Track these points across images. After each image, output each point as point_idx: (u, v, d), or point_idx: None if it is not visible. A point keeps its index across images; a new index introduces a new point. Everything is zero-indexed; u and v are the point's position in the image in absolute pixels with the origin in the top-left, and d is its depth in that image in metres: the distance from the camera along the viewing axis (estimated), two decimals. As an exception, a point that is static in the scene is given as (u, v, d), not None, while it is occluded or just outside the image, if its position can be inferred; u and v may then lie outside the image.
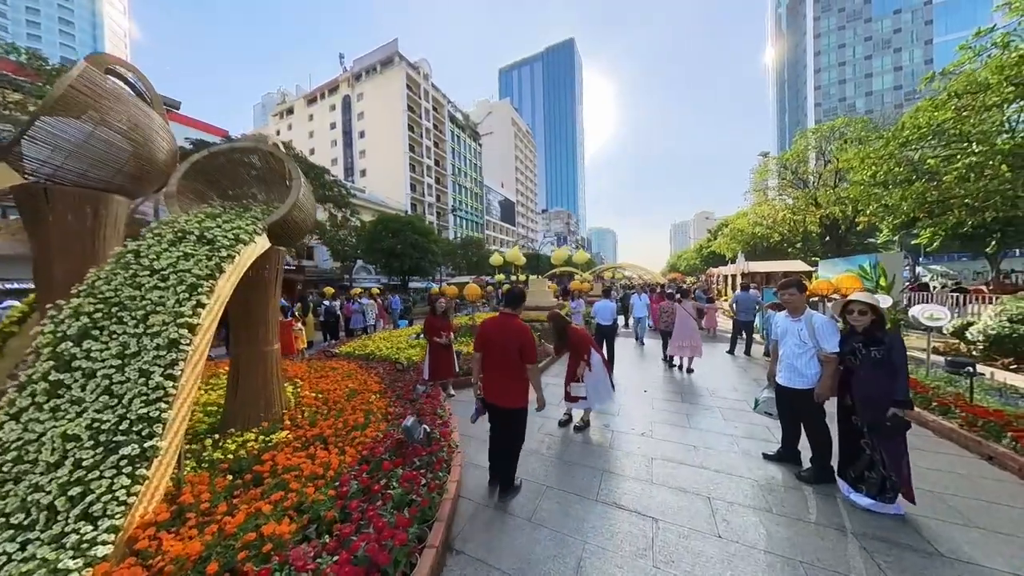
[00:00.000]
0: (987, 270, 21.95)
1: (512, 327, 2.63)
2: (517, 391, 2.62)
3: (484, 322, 2.81)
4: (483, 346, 2.71)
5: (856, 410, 2.51)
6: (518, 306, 2.80)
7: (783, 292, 2.89)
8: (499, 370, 2.62)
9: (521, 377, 2.63)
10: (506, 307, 2.80)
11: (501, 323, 2.70)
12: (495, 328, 2.70)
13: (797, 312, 2.85)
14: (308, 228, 3.71)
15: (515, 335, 2.59)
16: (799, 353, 2.77)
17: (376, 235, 21.81)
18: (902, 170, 6.70)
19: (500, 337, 2.63)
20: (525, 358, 2.58)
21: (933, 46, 57.38)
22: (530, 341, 2.62)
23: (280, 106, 60.79)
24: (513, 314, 2.75)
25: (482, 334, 2.73)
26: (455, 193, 55.86)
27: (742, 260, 16.23)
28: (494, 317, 2.81)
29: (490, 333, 2.70)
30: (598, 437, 3.70)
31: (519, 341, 2.58)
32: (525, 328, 2.67)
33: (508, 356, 2.59)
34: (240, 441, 2.77)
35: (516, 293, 2.82)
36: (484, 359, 2.71)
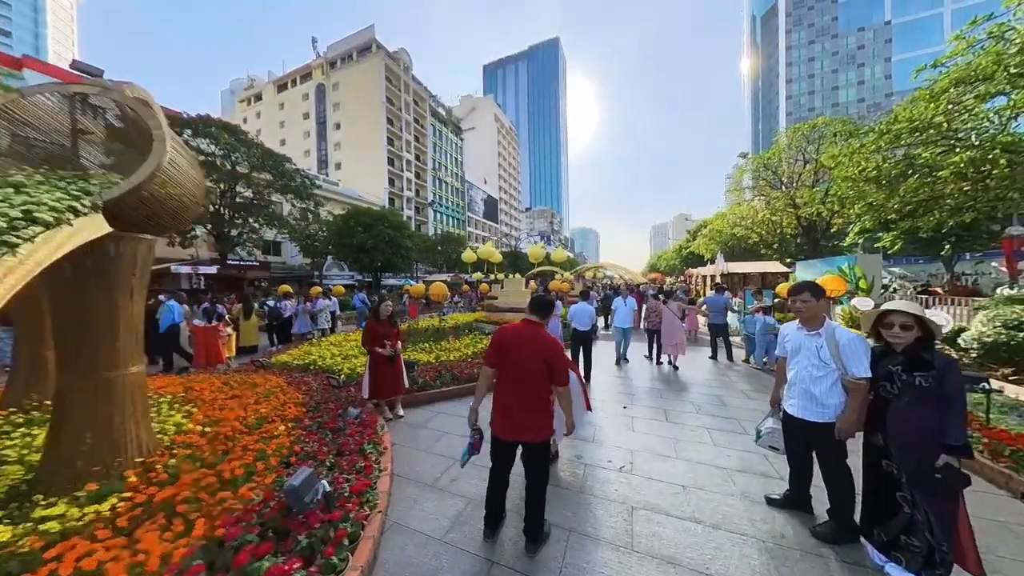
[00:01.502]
0: (941, 272, 23.23)
1: (540, 339, 2.16)
2: (542, 421, 2.16)
3: (502, 330, 2.28)
4: (500, 361, 2.18)
5: (891, 453, 1.92)
6: (547, 314, 2.31)
7: (794, 298, 2.27)
8: (520, 394, 2.12)
9: (546, 401, 2.17)
10: (532, 314, 2.28)
11: (524, 333, 2.18)
12: (516, 339, 2.17)
13: (813, 323, 2.23)
14: (190, 212, 2.78)
15: (543, 349, 2.12)
16: (817, 377, 2.16)
17: (345, 229, 20.44)
18: (895, 164, 6.47)
19: (523, 351, 2.12)
20: (556, 379, 2.11)
21: (892, 63, 61.10)
22: (563, 358, 2.16)
23: (247, 91, 57.11)
24: (540, 323, 2.26)
25: (499, 345, 2.20)
26: (436, 189, 54.33)
27: (721, 261, 16.15)
28: (515, 325, 2.29)
29: (510, 345, 2.16)
30: (568, 474, 3.00)
31: (548, 357, 2.10)
32: (555, 341, 2.19)
33: (532, 376, 2.11)
34: (36, 518, 1.86)
35: (546, 300, 2.34)
36: (499, 379, 2.20)
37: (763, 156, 17.06)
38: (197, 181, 2.79)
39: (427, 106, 53.11)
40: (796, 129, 15.27)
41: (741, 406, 4.55)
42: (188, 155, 2.72)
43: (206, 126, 12.85)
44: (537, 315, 2.24)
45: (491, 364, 2.19)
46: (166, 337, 6.07)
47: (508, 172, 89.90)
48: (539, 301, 2.29)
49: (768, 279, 15.34)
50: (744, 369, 6.42)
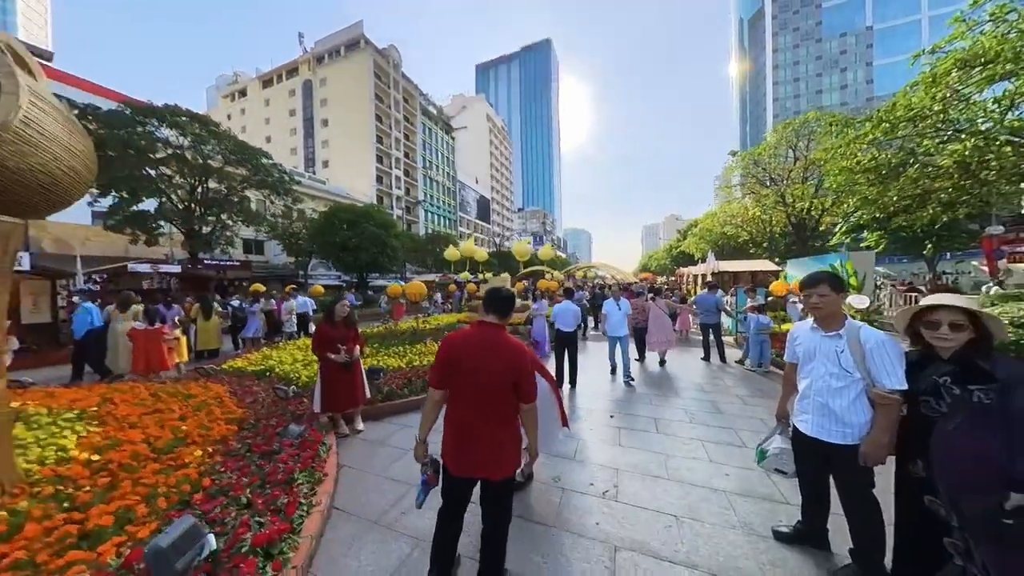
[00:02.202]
0: (923, 272, 23.66)
1: (502, 346, 1.68)
2: (507, 452, 1.68)
3: (451, 339, 1.77)
4: (450, 377, 1.68)
5: (936, 488, 1.52)
6: (507, 313, 1.81)
7: (809, 292, 1.86)
8: (478, 419, 1.65)
9: (512, 426, 1.72)
10: (490, 314, 1.78)
11: (481, 340, 1.71)
12: (470, 348, 1.68)
13: (832, 322, 1.82)
14: (68, 189, 2.23)
15: (507, 359, 1.65)
16: (837, 388, 1.75)
17: (327, 227, 19.68)
18: (895, 154, 6.22)
19: (480, 363, 1.65)
20: (522, 395, 1.66)
21: (874, 67, 62.68)
22: (530, 368, 1.71)
23: (232, 86, 55.46)
24: (500, 325, 1.77)
25: (448, 358, 1.69)
26: (426, 187, 53.54)
27: (712, 259, 15.96)
28: (467, 331, 1.79)
29: (462, 356, 1.66)
30: (542, 502, 2.54)
31: (514, 368, 1.64)
32: (519, 347, 1.72)
33: (493, 394, 1.64)
34: None
35: (504, 295, 1.82)
36: (452, 399, 1.71)
37: (753, 152, 16.96)
38: (78, 151, 2.25)
39: (417, 104, 52.31)
40: (787, 125, 15.18)
41: (737, 413, 4.17)
42: (64, 118, 2.18)
43: (173, 115, 12.06)
44: (495, 314, 1.76)
45: (438, 384, 1.68)
46: (85, 343, 5.43)
47: (500, 172, 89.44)
48: (496, 295, 1.79)
49: (758, 277, 15.20)
50: (738, 371, 6.08)
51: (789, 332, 2.10)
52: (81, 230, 16.72)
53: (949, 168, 5.49)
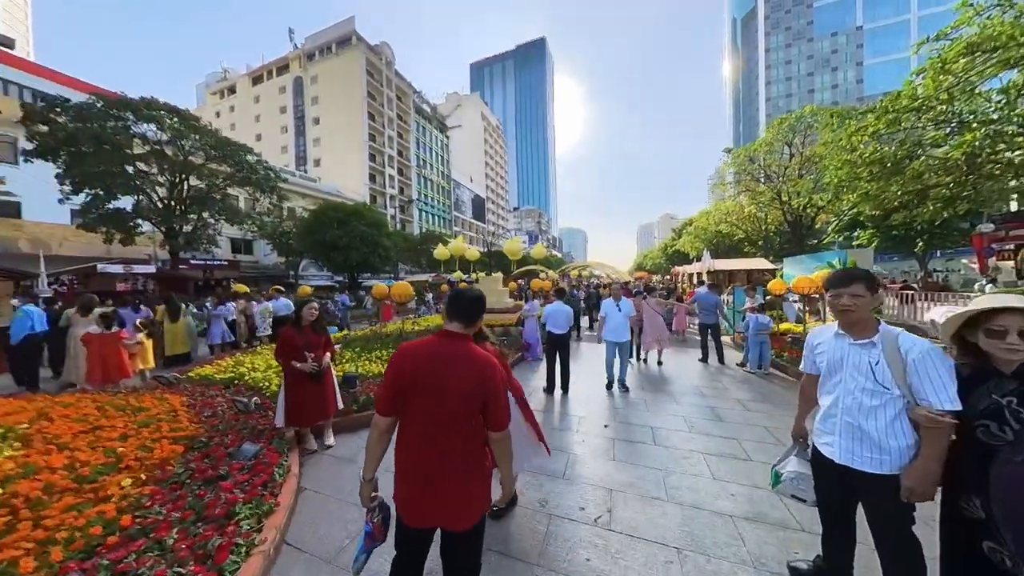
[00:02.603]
0: (914, 269, 23.81)
1: (468, 360, 1.34)
2: (475, 494, 1.36)
3: (404, 352, 1.40)
4: (402, 401, 1.33)
5: (998, 532, 1.23)
6: (474, 320, 1.47)
7: (839, 291, 1.52)
8: (438, 451, 1.31)
9: (480, 461, 1.38)
10: (454, 320, 1.44)
11: (443, 353, 1.36)
12: (430, 363, 1.34)
13: (864, 328, 1.52)
14: None
15: (474, 376, 1.32)
16: (872, 407, 1.46)
17: (316, 225, 19.20)
18: (900, 146, 6.01)
19: (441, 382, 1.31)
20: (492, 421, 1.34)
21: (864, 67, 63.34)
22: (501, 387, 1.36)
23: (220, 83, 54.39)
24: (464, 335, 1.43)
25: (400, 376, 1.34)
26: (420, 186, 52.99)
27: (707, 258, 15.81)
28: (424, 342, 1.43)
29: (419, 374, 1.33)
30: (526, 532, 2.23)
31: (483, 388, 1.31)
32: (491, 362, 1.37)
33: (458, 421, 1.31)
34: None
35: (469, 296, 1.48)
36: (404, 428, 1.35)
37: (749, 148, 16.81)
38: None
39: (411, 101, 51.71)
40: (783, 120, 15.04)
41: (739, 421, 3.91)
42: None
43: (149, 108, 11.52)
44: (460, 321, 1.43)
45: (387, 410, 1.34)
46: (23, 350, 5.00)
47: (495, 171, 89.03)
48: (460, 297, 1.46)
49: (754, 276, 15.07)
50: (738, 374, 5.83)
51: (807, 338, 1.81)
52: (59, 229, 16.06)
53: (957, 160, 5.29)
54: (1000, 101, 4.93)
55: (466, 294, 1.49)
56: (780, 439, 3.44)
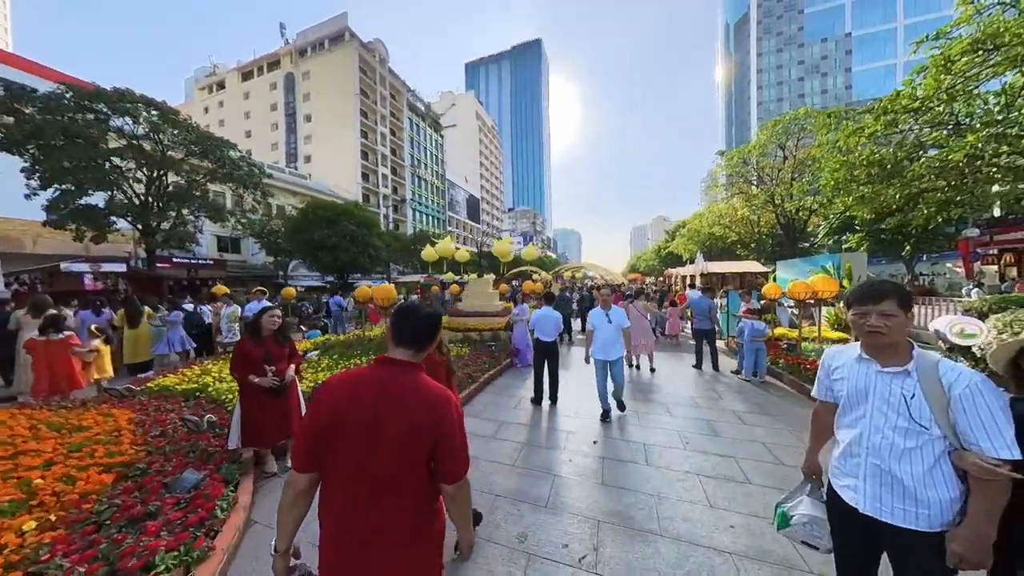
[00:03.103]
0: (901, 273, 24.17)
1: (414, 396, 1.07)
2: (422, 559, 1.08)
3: (331, 386, 1.11)
4: (326, 451, 1.04)
5: None
6: (425, 344, 1.18)
7: (866, 309, 1.26)
8: (374, 514, 1.03)
9: (430, 521, 1.10)
10: (400, 346, 1.16)
11: (382, 388, 1.08)
12: (364, 401, 1.05)
13: (894, 354, 1.27)
14: None
15: (422, 416, 1.05)
16: (906, 450, 1.21)
17: (304, 224, 18.68)
18: (900, 147, 5.90)
19: (378, 425, 1.03)
20: (445, 471, 1.07)
21: (852, 73, 64.50)
22: (455, 429, 1.08)
23: (209, 78, 53.20)
24: (412, 364, 1.14)
25: (323, 420, 1.05)
26: (414, 186, 52.43)
27: (701, 260, 15.72)
28: (360, 374, 1.14)
29: (349, 416, 1.04)
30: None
31: (433, 431, 1.05)
32: (444, 397, 1.10)
33: (399, 474, 1.04)
34: None
35: (421, 316, 1.20)
36: (330, 485, 1.06)
37: (742, 150, 16.78)
38: None
39: (404, 99, 51.15)
40: (777, 122, 15.02)
41: (736, 436, 3.69)
42: None
43: (122, 100, 10.97)
44: (408, 346, 1.15)
45: (306, 465, 1.04)
46: None
47: (490, 171, 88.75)
48: (407, 316, 1.18)
49: (747, 279, 15.03)
50: (733, 382, 5.63)
51: (822, 359, 1.56)
52: (33, 226, 15.30)
53: (959, 162, 5.17)
54: (997, 104, 4.83)
55: (417, 311, 1.20)
56: (779, 457, 3.22)
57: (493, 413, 4.38)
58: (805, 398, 4.80)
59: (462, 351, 6.63)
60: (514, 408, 4.56)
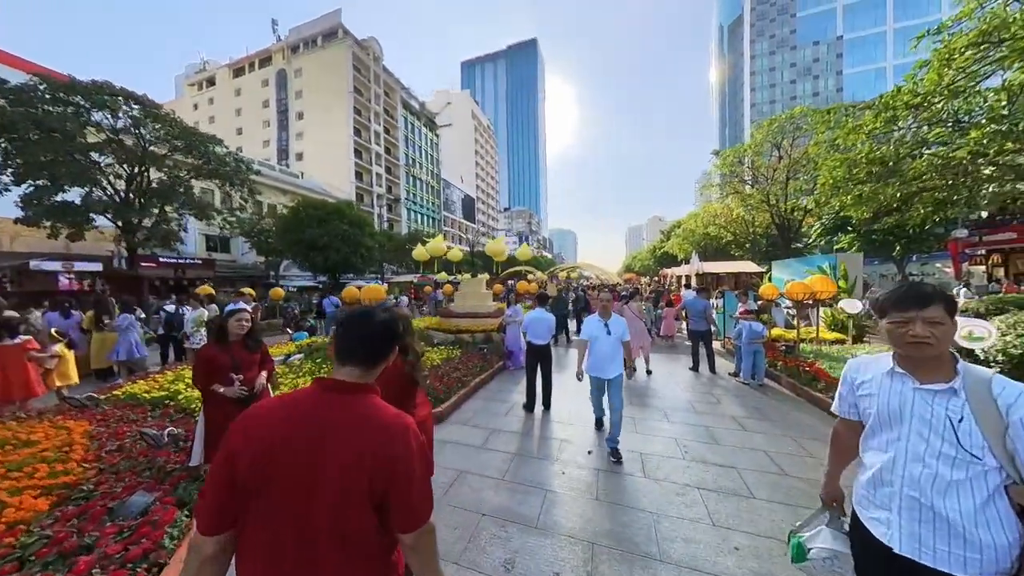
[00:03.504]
0: (892, 273, 24.46)
1: (361, 428, 0.85)
2: None
3: (250, 420, 0.87)
4: (251, 502, 0.80)
5: None
6: (377, 360, 0.97)
7: (911, 315, 1.07)
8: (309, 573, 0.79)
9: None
10: (345, 362, 0.93)
11: (317, 418, 0.85)
12: (295, 437, 0.83)
13: (937, 368, 1.08)
14: None
15: (369, 455, 0.82)
16: (952, 482, 1.03)
17: (295, 223, 18.32)
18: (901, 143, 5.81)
19: (314, 465, 0.80)
20: (400, 519, 0.84)
21: (843, 76, 65.35)
22: (413, 465, 0.85)
23: (199, 74, 52.21)
24: (362, 386, 0.92)
25: (244, 461, 0.80)
26: (409, 185, 51.98)
27: (696, 260, 15.66)
28: (291, 399, 0.91)
29: (278, 455, 0.81)
30: (482, 614, 1.75)
31: (382, 470, 0.82)
32: (399, 427, 0.88)
33: (340, 525, 0.80)
34: None
35: (373, 322, 0.98)
36: (251, 543, 0.81)
37: (737, 149, 16.75)
38: None
39: (398, 97, 50.66)
40: (772, 121, 15.00)
41: (737, 443, 3.52)
42: None
43: (99, 92, 10.53)
44: (357, 364, 0.94)
45: (216, 524, 0.80)
46: None
47: (485, 171, 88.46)
48: (355, 325, 0.98)
49: (742, 279, 14.99)
50: (730, 385, 5.49)
51: (845, 372, 1.37)
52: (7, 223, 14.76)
53: (962, 160, 5.09)
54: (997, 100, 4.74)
55: (366, 319, 0.98)
56: (782, 467, 3.06)
57: (483, 420, 4.17)
58: (804, 402, 4.67)
59: (453, 354, 6.41)
60: (505, 415, 4.35)
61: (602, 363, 3.32)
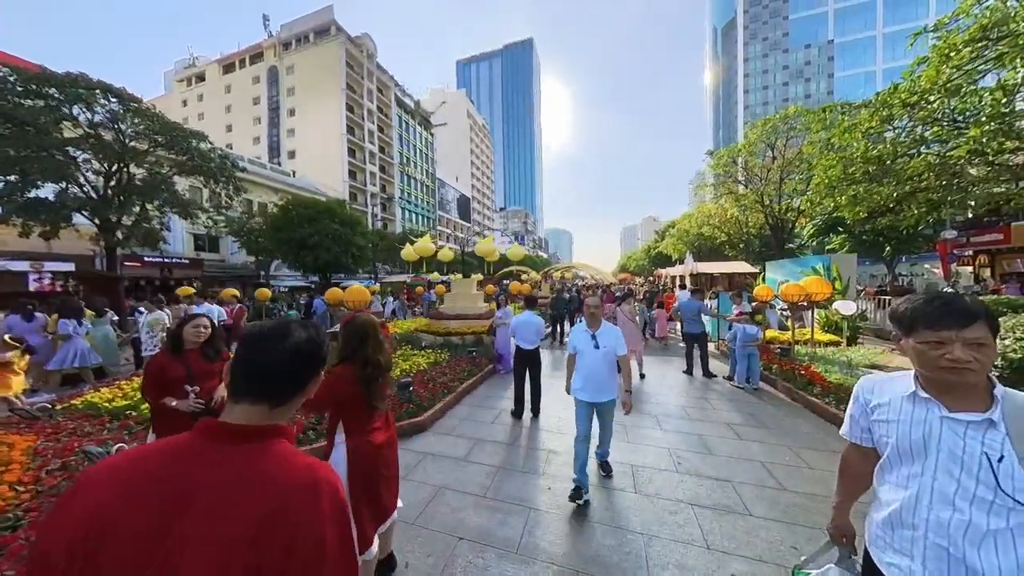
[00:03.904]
0: (882, 273, 24.77)
1: (251, 493, 0.61)
2: None
3: (90, 485, 0.59)
4: None
5: None
6: (288, 391, 0.73)
7: (946, 334, 0.88)
8: None
9: None
10: (241, 397, 0.69)
11: (190, 482, 0.60)
12: (143, 504, 0.57)
13: (970, 394, 0.90)
14: None
15: (255, 529, 0.58)
16: (990, 532, 0.84)
17: (284, 222, 17.93)
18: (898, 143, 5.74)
19: (176, 552, 0.54)
20: None
21: (834, 79, 66.20)
22: (319, 541, 0.60)
23: (188, 70, 51.19)
24: (262, 430, 0.69)
25: (66, 538, 0.54)
26: (403, 184, 51.50)
27: (690, 261, 15.63)
28: (154, 452, 0.65)
29: (118, 530, 0.55)
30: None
31: (269, 549, 0.56)
32: (304, 482, 0.65)
33: None
34: None
35: (291, 344, 0.74)
36: None
37: (732, 149, 16.75)
38: None
39: (392, 94, 50.15)
40: (767, 121, 15.00)
41: (732, 453, 3.37)
42: None
43: (74, 85, 10.10)
44: (263, 400, 0.71)
45: None
46: None
47: (481, 170, 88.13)
48: (262, 346, 0.73)
49: (736, 279, 14.98)
50: (725, 389, 5.35)
51: (856, 391, 1.20)
52: (-19, 222, 14.16)
53: (961, 158, 5.02)
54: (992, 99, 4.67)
55: (275, 338, 0.75)
56: (780, 481, 2.91)
57: (468, 429, 3.97)
58: (801, 407, 4.55)
59: (441, 357, 6.21)
60: (492, 422, 4.16)
61: (592, 383, 2.68)
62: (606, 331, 2.77)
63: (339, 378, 1.68)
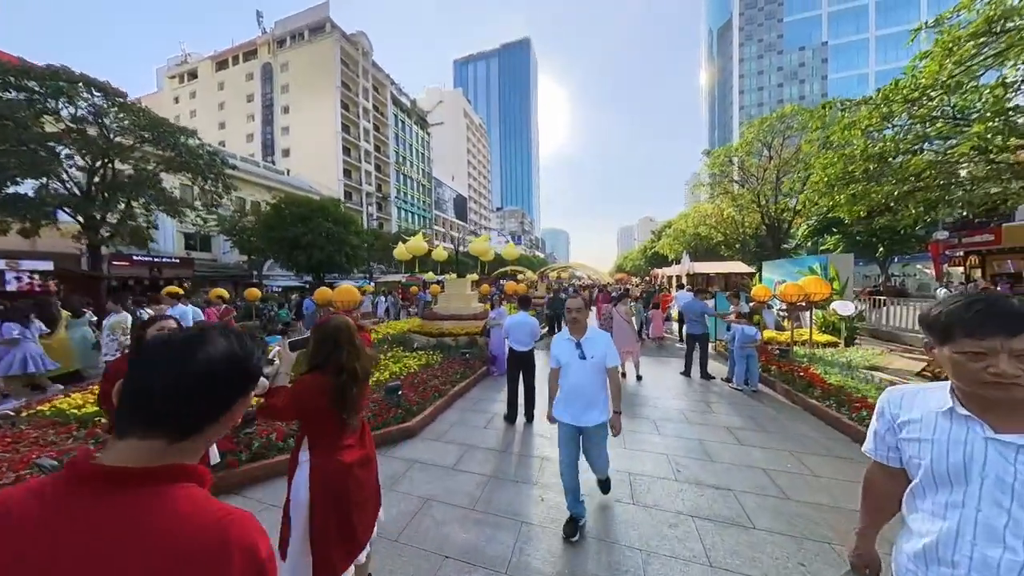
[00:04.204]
0: (875, 273, 24.96)
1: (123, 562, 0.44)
2: None
3: None
4: None
5: None
6: (195, 424, 0.57)
7: (990, 344, 0.74)
8: None
9: None
10: (130, 431, 0.53)
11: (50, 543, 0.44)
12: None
13: (1018, 408, 0.76)
14: None
15: None
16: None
17: (276, 221, 17.64)
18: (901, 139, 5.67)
19: None
20: None
21: (828, 81, 66.87)
22: None
23: (180, 67, 50.43)
24: (158, 472, 0.53)
25: None
26: (399, 184, 51.14)
27: (687, 260, 15.58)
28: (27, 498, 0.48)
29: None
30: None
31: None
32: (210, 545, 0.49)
33: None
34: None
35: (202, 362, 0.57)
36: None
37: (728, 148, 16.73)
38: None
39: (388, 93, 49.76)
40: (763, 120, 14.99)
41: (733, 460, 3.24)
42: None
43: (54, 78, 9.77)
44: (160, 434, 0.54)
45: None
46: None
47: (477, 170, 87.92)
48: (161, 363, 0.57)
49: (732, 279, 14.95)
50: (723, 391, 5.24)
51: (881, 403, 1.06)
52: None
53: (963, 155, 4.96)
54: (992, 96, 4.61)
55: (179, 349, 0.59)
56: (783, 489, 2.78)
57: (459, 434, 3.81)
58: (801, 410, 4.44)
59: (433, 359, 6.04)
60: (484, 428, 4.00)
61: (576, 402, 2.23)
62: (593, 338, 2.29)
63: (307, 388, 1.51)
